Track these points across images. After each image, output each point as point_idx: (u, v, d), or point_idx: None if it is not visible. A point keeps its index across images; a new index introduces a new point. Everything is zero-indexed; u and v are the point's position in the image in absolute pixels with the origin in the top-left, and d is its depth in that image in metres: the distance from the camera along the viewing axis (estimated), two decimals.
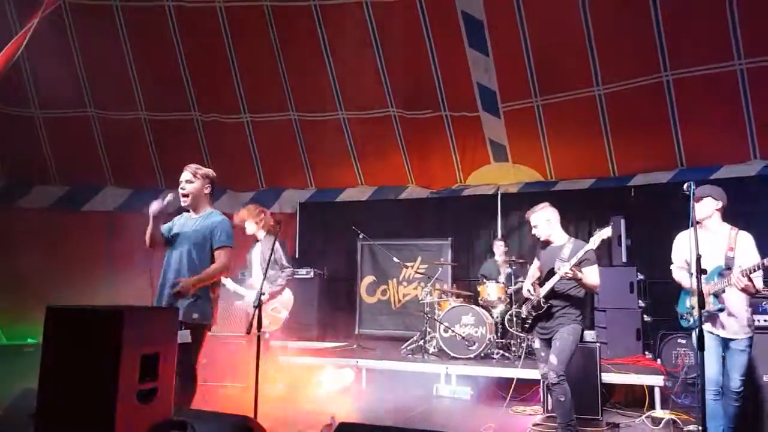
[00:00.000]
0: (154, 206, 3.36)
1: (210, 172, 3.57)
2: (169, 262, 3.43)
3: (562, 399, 3.65)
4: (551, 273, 3.76)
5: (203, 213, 3.52)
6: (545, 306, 3.80)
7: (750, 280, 3.21)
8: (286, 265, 5.12)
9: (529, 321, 3.95)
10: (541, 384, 4.59)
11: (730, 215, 3.63)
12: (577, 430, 3.75)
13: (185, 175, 3.50)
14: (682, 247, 3.60)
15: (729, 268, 3.34)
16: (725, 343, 3.42)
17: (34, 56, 7.02)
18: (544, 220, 3.89)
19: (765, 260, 3.19)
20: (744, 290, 3.24)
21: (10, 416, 2.79)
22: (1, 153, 8.24)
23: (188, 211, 3.59)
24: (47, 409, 2.13)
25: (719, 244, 3.42)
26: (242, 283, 5.20)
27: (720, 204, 3.47)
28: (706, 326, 3.34)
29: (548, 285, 3.77)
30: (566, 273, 3.58)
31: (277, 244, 4.62)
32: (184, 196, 3.45)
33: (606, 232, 3.67)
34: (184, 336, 3.18)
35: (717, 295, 3.35)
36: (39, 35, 5.67)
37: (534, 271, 4.15)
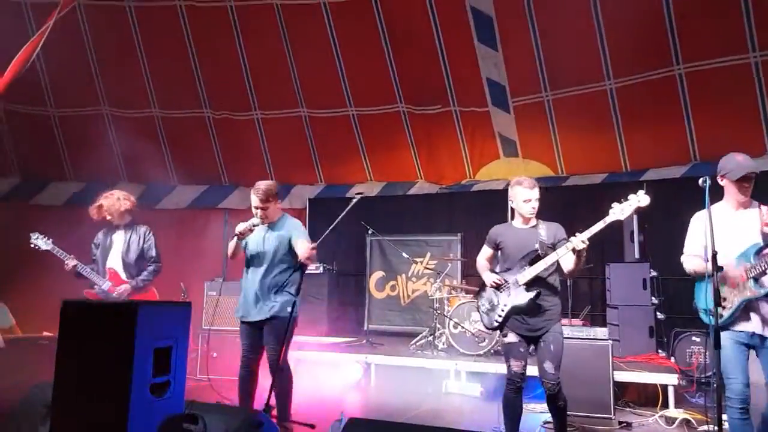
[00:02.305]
0: (242, 227, 3.65)
1: (273, 187, 3.82)
2: (255, 276, 3.74)
3: (562, 404, 3.39)
4: (534, 257, 3.31)
5: (276, 220, 3.86)
6: (531, 293, 3.29)
7: None
8: (155, 257, 4.40)
9: (500, 315, 3.39)
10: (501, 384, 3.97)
11: None
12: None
13: (256, 201, 3.73)
14: (698, 230, 3.10)
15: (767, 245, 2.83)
16: (762, 341, 2.87)
17: (49, 56, 7.12)
18: (539, 197, 3.46)
19: None
20: None
21: (27, 408, 2.84)
22: (17, 151, 8.39)
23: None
24: (63, 402, 2.17)
25: (751, 221, 2.95)
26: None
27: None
28: (735, 325, 2.89)
29: (535, 268, 3.28)
30: (582, 246, 3.10)
31: (150, 232, 4.40)
32: (263, 218, 3.76)
33: (644, 200, 3.11)
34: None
35: (757, 279, 2.82)
36: (54, 35, 5.74)
37: (483, 261, 3.60)
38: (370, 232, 7.21)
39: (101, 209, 4.31)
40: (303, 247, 3.67)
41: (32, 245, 4.29)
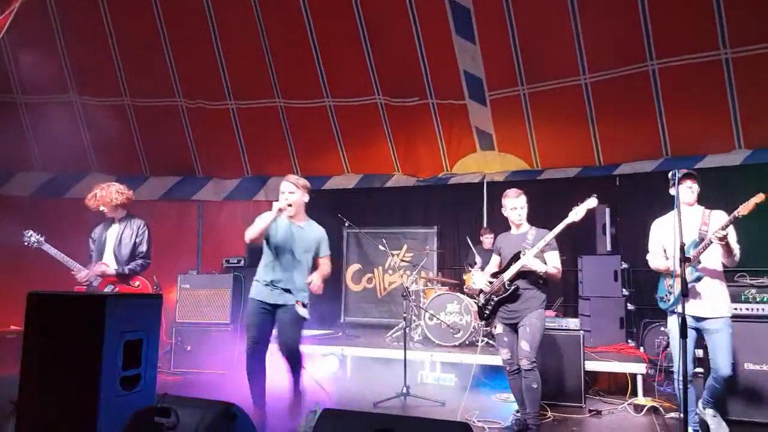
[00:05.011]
0: (282, 204, 3.77)
1: (307, 183, 4.00)
2: (279, 261, 3.85)
3: (535, 386, 3.64)
4: (517, 257, 3.77)
5: (304, 222, 4.02)
6: (511, 288, 3.79)
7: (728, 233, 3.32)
8: (144, 253, 4.40)
9: (489, 307, 3.91)
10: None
11: (714, 203, 3.71)
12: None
13: (288, 186, 3.89)
14: (658, 233, 3.76)
15: (703, 239, 3.48)
16: (702, 324, 3.48)
17: (15, 41, 6.87)
18: (525, 204, 3.93)
19: (737, 212, 3.32)
20: (722, 242, 3.32)
21: None
22: None
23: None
24: (30, 396, 2.12)
25: (695, 221, 3.59)
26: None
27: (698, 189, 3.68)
28: (678, 309, 3.34)
29: (514, 268, 3.78)
30: (529, 262, 3.67)
31: (145, 227, 4.42)
32: (289, 205, 3.83)
33: (591, 203, 3.70)
34: (304, 313, 3.92)
35: (694, 267, 3.48)
36: (21, 19, 5.54)
37: (492, 267, 4.10)
38: (346, 224, 7.19)
39: (95, 199, 4.33)
40: (325, 267, 4.02)
41: (25, 242, 4.26)
